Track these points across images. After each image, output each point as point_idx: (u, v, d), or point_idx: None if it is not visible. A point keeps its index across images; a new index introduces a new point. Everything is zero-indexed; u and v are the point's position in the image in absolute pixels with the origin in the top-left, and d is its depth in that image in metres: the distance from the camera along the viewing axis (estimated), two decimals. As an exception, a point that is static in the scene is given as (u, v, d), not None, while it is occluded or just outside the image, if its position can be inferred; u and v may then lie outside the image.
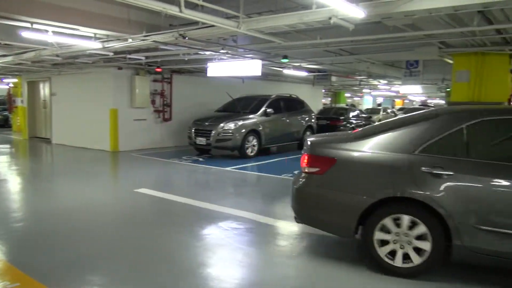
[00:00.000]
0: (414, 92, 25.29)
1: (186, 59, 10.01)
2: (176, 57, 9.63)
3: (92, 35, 7.10)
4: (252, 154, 10.65)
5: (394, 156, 3.51)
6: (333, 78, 15.32)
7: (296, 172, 5.10)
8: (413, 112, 17.02)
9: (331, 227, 3.88)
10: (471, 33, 6.09)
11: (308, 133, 12.81)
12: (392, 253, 3.53)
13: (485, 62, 7.21)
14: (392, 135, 3.65)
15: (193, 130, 10.78)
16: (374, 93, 29.70)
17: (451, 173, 3.27)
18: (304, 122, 12.65)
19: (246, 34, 6.19)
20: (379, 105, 35.26)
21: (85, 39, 7.25)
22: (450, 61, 7.97)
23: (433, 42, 7.11)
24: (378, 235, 3.54)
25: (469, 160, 3.34)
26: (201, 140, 10.53)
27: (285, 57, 8.97)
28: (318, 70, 13.67)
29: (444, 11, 4.71)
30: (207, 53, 8.81)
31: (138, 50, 8.97)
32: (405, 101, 44.24)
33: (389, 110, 29.90)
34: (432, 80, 15.53)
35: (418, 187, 3.34)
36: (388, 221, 3.50)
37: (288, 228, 5.01)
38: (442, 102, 30.33)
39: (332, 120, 15.23)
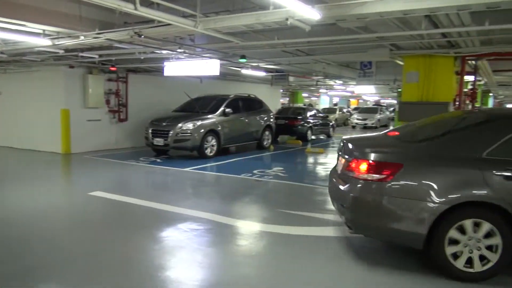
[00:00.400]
0: (368, 92, 26.23)
1: (142, 58, 9.77)
2: (132, 55, 9.37)
3: (41, 31, 6.75)
4: (211, 154, 10.58)
5: (463, 160, 3.49)
6: (291, 78, 15.55)
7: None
8: (368, 110, 17.61)
9: (399, 236, 3.65)
10: (419, 36, 6.40)
11: (267, 132, 12.92)
12: (456, 255, 3.47)
13: (432, 64, 7.61)
14: (452, 139, 3.71)
15: (150, 131, 10.54)
16: (331, 93, 30.49)
17: None
18: (263, 121, 12.74)
19: (204, 33, 6.15)
20: (335, 104, 36.22)
21: (33, 36, 6.89)
22: (401, 63, 8.34)
23: (384, 44, 7.40)
24: (452, 234, 3.43)
25: None
26: (159, 141, 10.33)
27: (243, 57, 8.99)
28: (276, 70, 13.82)
29: (394, 14, 4.92)
30: (164, 52, 8.65)
31: (91, 48, 8.64)
32: (360, 100, 45.76)
33: (344, 110, 30.80)
34: (384, 81, 16.12)
35: (492, 190, 3.31)
36: (467, 223, 3.41)
37: (248, 227, 5.03)
38: (394, 102, 31.66)
39: (290, 120, 15.45)
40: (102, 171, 8.82)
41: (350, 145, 4.03)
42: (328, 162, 10.61)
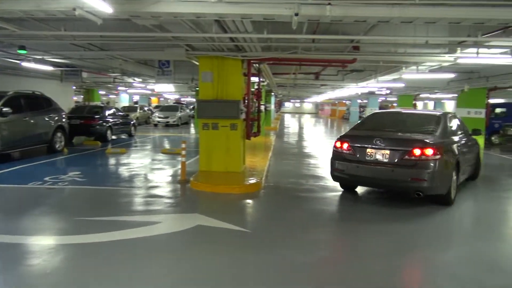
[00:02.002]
0: (168, 90, 26.60)
1: None
2: None
3: None
4: (-15, 163, 8.78)
5: (454, 139, 6.80)
6: (84, 74, 14.37)
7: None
8: (170, 108, 18.11)
9: (444, 188, 6.11)
10: (211, 39, 6.86)
11: (59, 134, 11.56)
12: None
13: (224, 65, 8.28)
14: (444, 129, 6.62)
15: None
16: (130, 91, 29.53)
17: None
18: (53, 122, 11.32)
19: (-36, 16, 5.02)
20: (136, 103, 35.39)
21: None
22: (197, 63, 8.77)
23: (180, 44, 7.64)
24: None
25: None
26: None
27: (22, 47, 7.77)
28: (67, 65, 12.51)
29: (187, 16, 5.14)
30: None
31: None
32: (161, 99, 46.03)
33: (146, 108, 30.42)
34: (183, 80, 16.69)
35: (456, 150, 6.64)
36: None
37: (40, 243, 4.41)
38: (193, 100, 33.16)
39: (86, 119, 14.22)
40: None
41: (397, 139, 6.27)
42: (132, 162, 10.30)
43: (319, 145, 16.36)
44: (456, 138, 6.91)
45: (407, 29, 6.67)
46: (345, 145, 6.61)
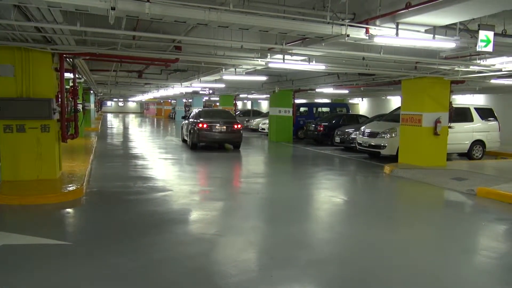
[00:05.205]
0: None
1: None
2: None
3: None
4: None
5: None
6: None
7: None
8: None
9: (241, 141, 14.37)
10: (10, 27, 5.89)
11: None
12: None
13: (30, 58, 7.23)
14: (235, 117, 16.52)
15: None
16: None
17: None
18: None
19: None
20: None
21: None
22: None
23: (-33, 30, 6.31)
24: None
25: None
26: None
27: None
28: None
29: (-25, -3, 4.29)
30: None
31: None
32: None
33: None
34: (-26, 73, 13.82)
35: None
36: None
37: None
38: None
39: None
40: None
41: (225, 123, 13.68)
42: None
43: (146, 145, 15.98)
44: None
45: (225, 33, 7.12)
46: (205, 125, 13.28)
